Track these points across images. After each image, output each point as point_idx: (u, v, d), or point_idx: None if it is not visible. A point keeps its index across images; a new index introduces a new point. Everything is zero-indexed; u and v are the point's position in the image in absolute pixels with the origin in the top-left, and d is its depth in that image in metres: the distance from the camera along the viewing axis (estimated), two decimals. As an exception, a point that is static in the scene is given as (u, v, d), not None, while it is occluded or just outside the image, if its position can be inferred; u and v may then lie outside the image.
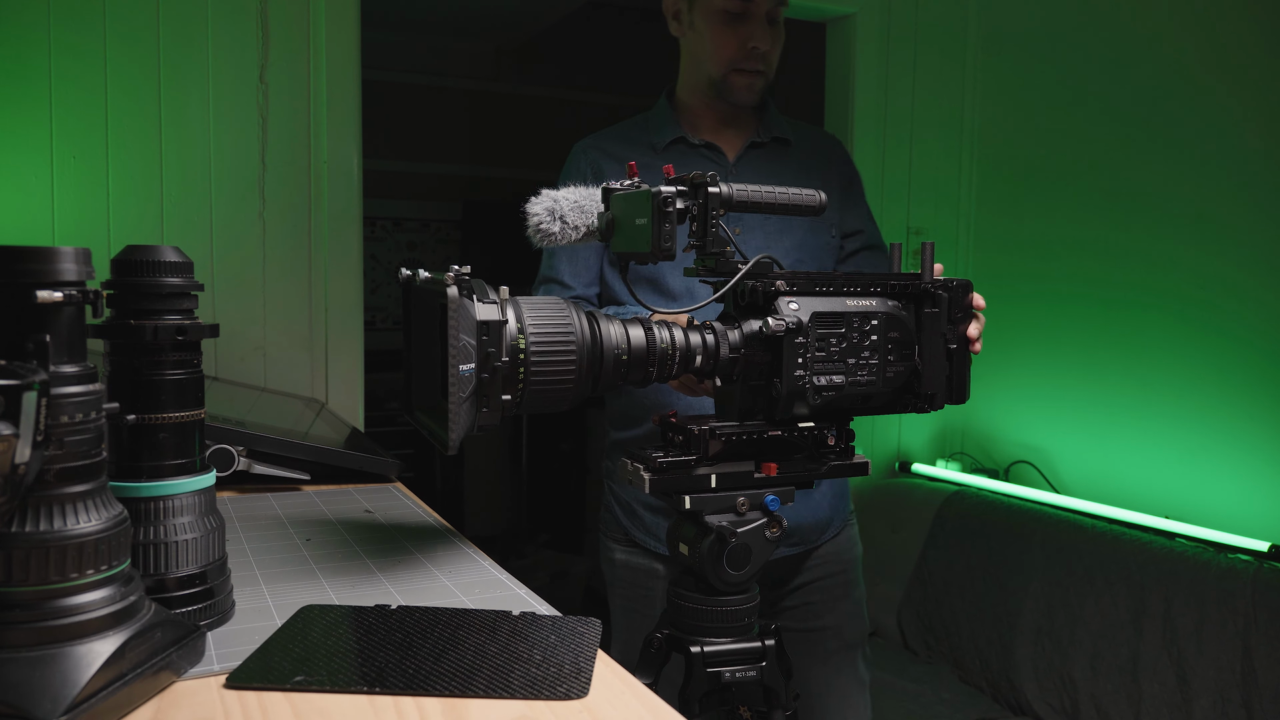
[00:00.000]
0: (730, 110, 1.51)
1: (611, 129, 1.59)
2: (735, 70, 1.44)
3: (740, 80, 1.45)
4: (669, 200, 0.89)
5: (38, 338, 0.64)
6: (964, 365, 1.06)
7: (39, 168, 1.81)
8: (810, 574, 1.57)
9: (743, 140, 1.52)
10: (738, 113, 1.52)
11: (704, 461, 0.95)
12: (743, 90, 1.46)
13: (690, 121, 1.53)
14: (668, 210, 0.90)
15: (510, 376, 0.83)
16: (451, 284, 0.79)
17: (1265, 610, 1.83)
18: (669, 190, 0.90)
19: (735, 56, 1.43)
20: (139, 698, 0.66)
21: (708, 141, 1.50)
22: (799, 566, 1.57)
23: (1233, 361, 2.19)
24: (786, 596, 1.58)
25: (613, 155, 1.52)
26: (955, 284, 1.04)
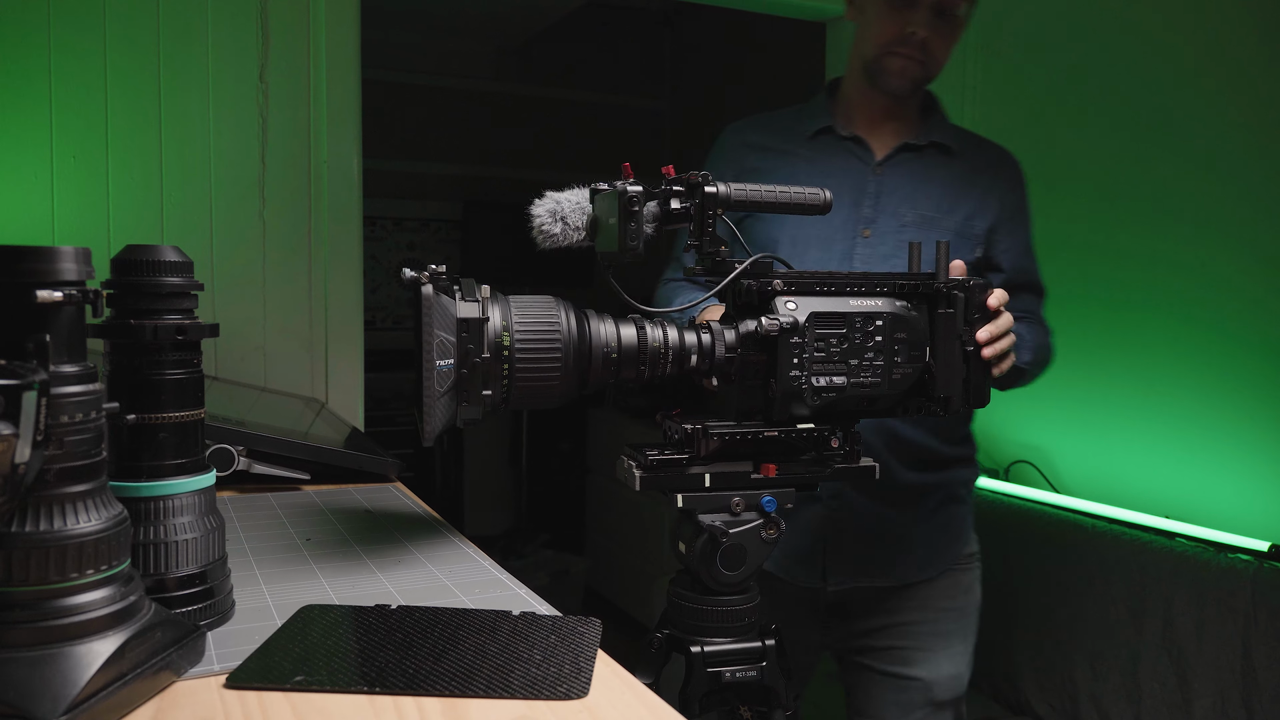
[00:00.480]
0: (887, 104, 1.43)
1: (765, 115, 1.53)
2: (890, 53, 1.37)
3: (894, 63, 1.37)
4: (634, 200, 0.90)
5: (38, 337, 0.64)
6: (982, 368, 1.05)
7: (39, 168, 1.81)
8: (902, 615, 1.48)
9: (897, 140, 1.45)
10: (897, 109, 1.44)
11: (697, 460, 0.95)
12: (895, 75, 1.38)
13: (846, 113, 1.47)
14: (633, 210, 0.90)
15: (493, 372, 0.85)
16: (426, 282, 0.82)
17: (1265, 610, 1.83)
18: (634, 190, 0.90)
19: (893, 39, 1.36)
20: (139, 698, 0.66)
21: (856, 135, 1.45)
22: (887, 603, 1.48)
23: (1233, 361, 2.19)
24: (874, 634, 1.49)
25: (754, 144, 1.49)
26: (972, 284, 1.03)
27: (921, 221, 1.41)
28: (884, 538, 1.46)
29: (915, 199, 1.41)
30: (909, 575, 1.47)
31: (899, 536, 1.46)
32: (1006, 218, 1.45)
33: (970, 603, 1.52)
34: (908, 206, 1.41)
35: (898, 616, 1.47)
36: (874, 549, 1.46)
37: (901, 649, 1.47)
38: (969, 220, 1.41)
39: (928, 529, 1.47)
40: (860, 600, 1.48)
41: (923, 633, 1.47)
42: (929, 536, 1.47)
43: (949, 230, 1.39)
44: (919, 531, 1.46)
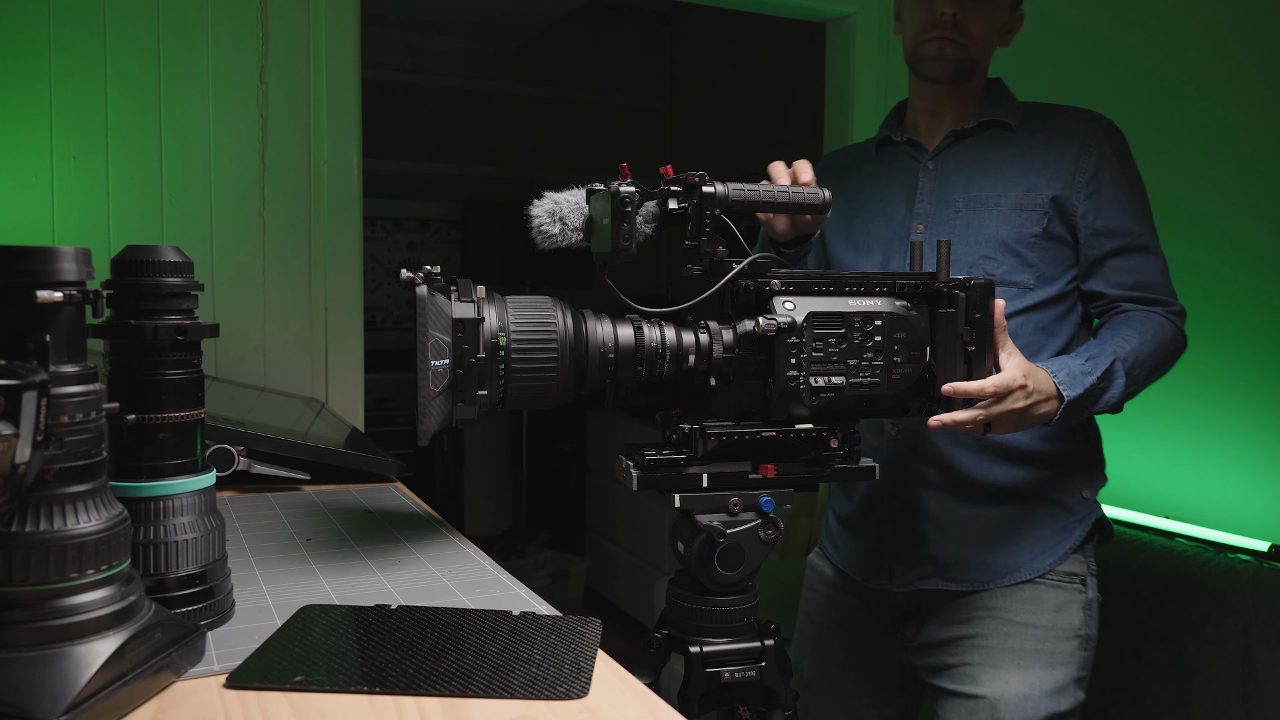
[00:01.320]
0: (939, 96, 1.41)
1: (865, 141, 1.56)
2: (925, 39, 1.35)
3: (930, 48, 1.35)
4: (626, 200, 0.90)
5: (38, 338, 0.64)
6: (985, 367, 1.05)
7: (39, 168, 1.81)
8: (974, 625, 1.36)
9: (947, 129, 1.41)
10: (951, 100, 1.41)
11: (695, 460, 0.95)
12: (931, 60, 1.35)
13: (909, 120, 1.47)
14: (626, 210, 0.90)
15: (489, 372, 0.86)
16: (421, 283, 0.82)
17: (1265, 610, 1.83)
18: (627, 190, 0.91)
19: (925, 25, 1.34)
20: (139, 698, 0.66)
21: (910, 138, 1.44)
22: (960, 611, 1.37)
23: (1233, 362, 2.19)
24: (948, 649, 1.38)
25: (838, 165, 1.52)
26: (973, 284, 1.03)
27: (973, 203, 1.36)
28: (956, 536, 1.37)
29: (969, 183, 1.38)
30: (982, 580, 1.36)
31: (973, 536, 1.36)
32: (1086, 179, 1.35)
33: (1062, 626, 1.35)
34: (959, 192, 1.38)
35: (970, 628, 1.36)
36: (943, 548, 1.37)
37: (971, 666, 1.35)
38: (1030, 192, 1.34)
39: (1010, 532, 1.36)
40: (931, 606, 1.40)
41: (993, 647, 1.34)
42: (1010, 540, 1.36)
43: (1005, 206, 1.34)
44: (998, 533, 1.36)
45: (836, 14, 2.67)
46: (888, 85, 2.69)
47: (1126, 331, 1.29)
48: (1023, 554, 1.36)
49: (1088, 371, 1.22)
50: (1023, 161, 1.37)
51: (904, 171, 1.44)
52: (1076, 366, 1.21)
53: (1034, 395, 1.12)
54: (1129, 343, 1.27)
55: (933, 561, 1.38)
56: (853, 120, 2.66)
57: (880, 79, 2.68)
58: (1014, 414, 1.11)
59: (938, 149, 1.42)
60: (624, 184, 0.91)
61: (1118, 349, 1.26)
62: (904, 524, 1.39)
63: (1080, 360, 1.23)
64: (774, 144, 4.10)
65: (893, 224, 1.41)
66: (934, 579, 1.38)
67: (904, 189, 1.43)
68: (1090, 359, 1.23)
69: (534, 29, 4.37)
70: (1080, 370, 1.21)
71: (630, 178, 0.95)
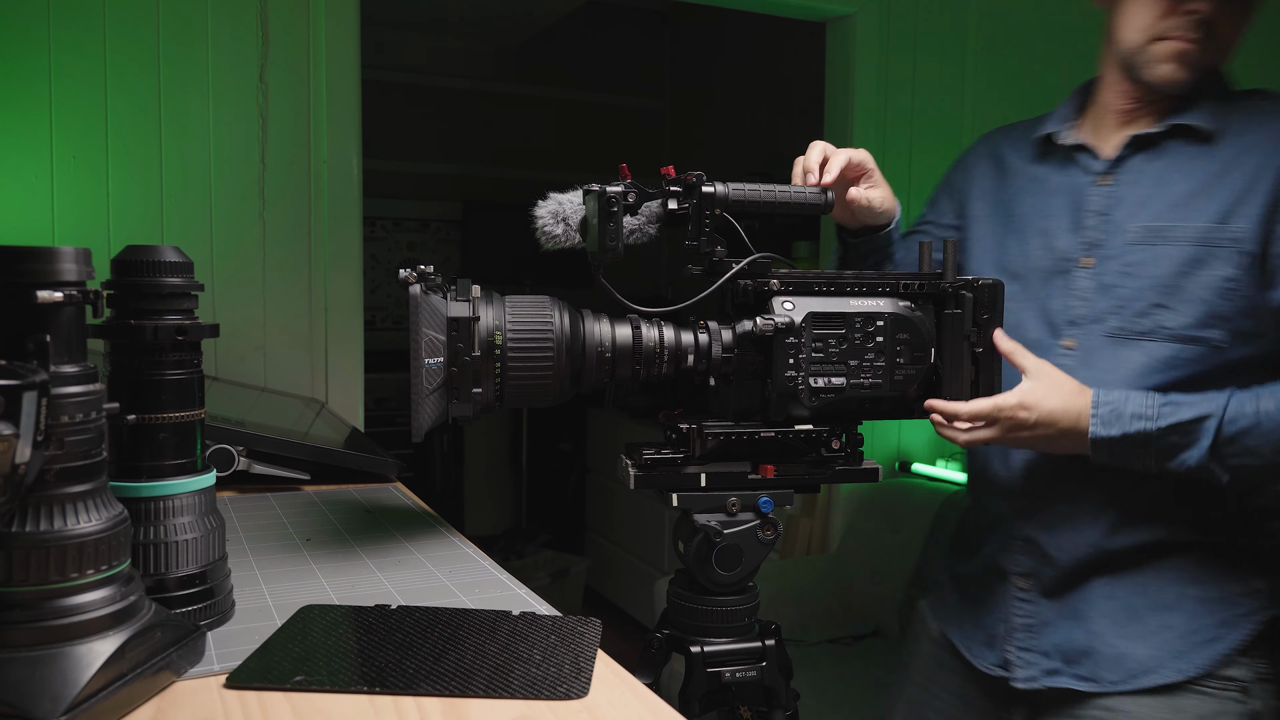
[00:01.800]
0: (1142, 100, 1.15)
1: (1025, 121, 1.31)
2: (1160, 37, 1.09)
3: (1163, 49, 1.09)
4: (613, 200, 0.91)
5: (38, 338, 0.64)
6: (992, 369, 1.04)
7: (39, 168, 1.81)
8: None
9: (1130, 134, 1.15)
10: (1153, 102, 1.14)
11: (693, 460, 0.95)
12: (1163, 63, 1.09)
13: (1090, 115, 1.21)
14: (612, 210, 0.91)
15: (485, 370, 0.87)
16: (415, 282, 0.84)
17: (1265, 610, 1.83)
18: (614, 191, 0.91)
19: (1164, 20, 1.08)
20: (139, 698, 0.66)
21: (1080, 142, 1.19)
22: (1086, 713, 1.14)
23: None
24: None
25: (993, 155, 1.29)
26: (980, 284, 1.03)
27: (1148, 236, 1.10)
28: (1084, 616, 1.13)
29: (1148, 206, 1.12)
30: (1113, 679, 1.11)
31: (1105, 617, 1.12)
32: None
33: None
34: (1135, 218, 1.11)
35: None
36: (1070, 633, 1.15)
37: None
38: (1222, 223, 1.06)
39: (1149, 618, 1.11)
40: (1051, 705, 1.16)
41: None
42: (1151, 629, 1.11)
43: (1185, 241, 1.07)
44: (1135, 616, 1.12)
45: (836, 14, 2.67)
46: (888, 85, 2.69)
47: (1268, 392, 1.03)
48: (1169, 644, 1.11)
49: (1147, 415, 1.04)
50: (1215, 177, 1.09)
51: (1068, 187, 1.19)
52: (1135, 404, 1.05)
53: (1038, 428, 1.04)
54: (1259, 403, 1.03)
55: (1060, 652, 1.15)
56: (853, 120, 2.66)
57: (880, 79, 2.68)
58: (1019, 441, 1.05)
59: (1116, 159, 1.15)
60: (612, 184, 0.92)
61: (1230, 406, 1.03)
62: (1028, 600, 1.18)
63: (1148, 399, 1.05)
64: (774, 144, 4.10)
65: (1054, 253, 1.17)
66: (1062, 675, 1.15)
67: (1068, 206, 1.17)
68: (1169, 403, 1.04)
69: (534, 29, 4.37)
70: (1136, 410, 1.05)
71: (630, 178, 0.95)
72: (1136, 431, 1.04)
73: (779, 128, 3.92)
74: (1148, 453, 1.05)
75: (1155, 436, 1.04)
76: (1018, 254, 1.21)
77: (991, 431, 1.04)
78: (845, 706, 2.14)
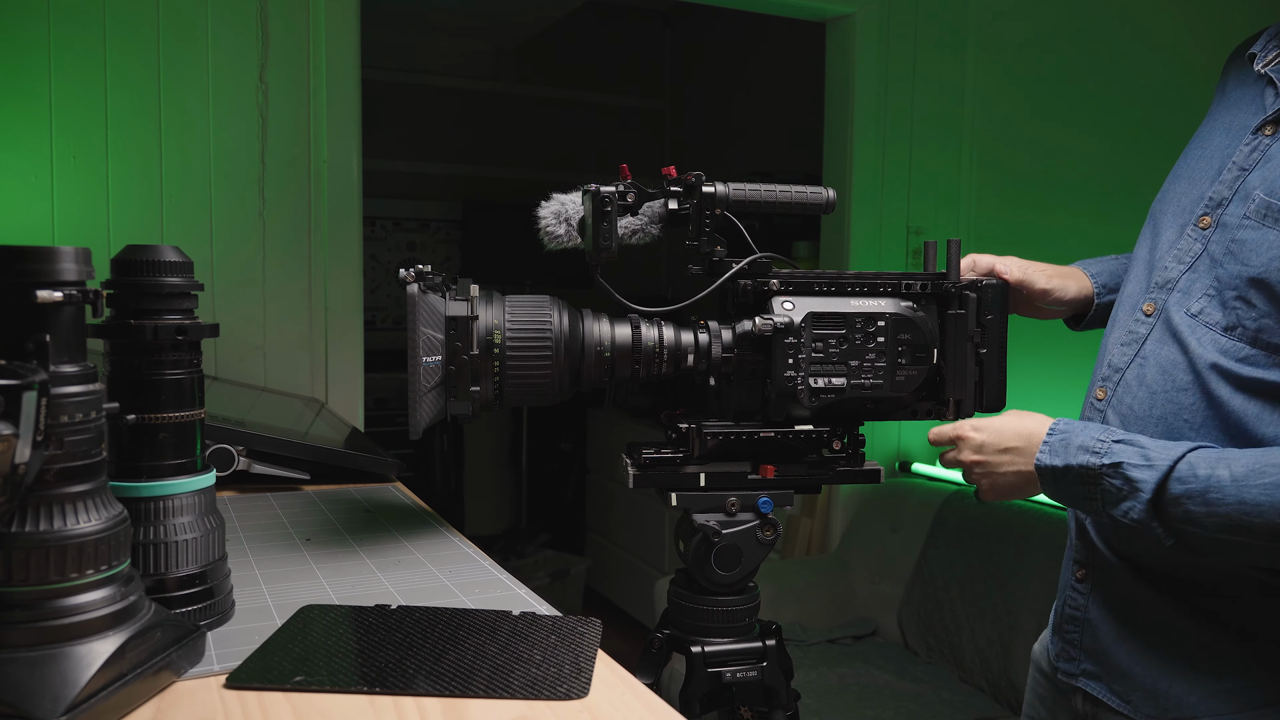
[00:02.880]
0: None
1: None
2: None
3: None
4: (606, 200, 0.91)
5: (38, 338, 0.64)
6: (997, 370, 1.03)
7: (39, 167, 1.81)
8: None
9: None
10: None
11: (692, 459, 0.95)
12: None
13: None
14: (605, 210, 0.91)
15: (483, 369, 0.88)
16: (412, 281, 0.85)
17: (1265, 610, 1.83)
18: (607, 191, 0.91)
19: None
20: (139, 698, 0.66)
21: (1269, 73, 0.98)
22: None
23: None
24: None
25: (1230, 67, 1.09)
26: (984, 284, 1.02)
27: (1266, 211, 0.92)
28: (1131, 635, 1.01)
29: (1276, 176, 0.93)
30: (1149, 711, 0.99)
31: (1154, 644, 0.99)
32: None
33: None
34: (1265, 185, 0.93)
35: None
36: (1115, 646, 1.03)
37: None
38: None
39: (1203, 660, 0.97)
40: (1090, 712, 1.07)
41: None
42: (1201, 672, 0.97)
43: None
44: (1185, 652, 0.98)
45: (836, 14, 2.67)
46: (888, 85, 2.70)
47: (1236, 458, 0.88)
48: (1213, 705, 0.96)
49: (1094, 449, 0.93)
50: None
51: (1231, 126, 1.02)
52: (1087, 435, 0.95)
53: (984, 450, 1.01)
54: (1216, 468, 0.88)
55: (1098, 658, 1.05)
56: (853, 120, 2.66)
57: (880, 79, 2.68)
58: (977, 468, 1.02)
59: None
60: (606, 185, 0.92)
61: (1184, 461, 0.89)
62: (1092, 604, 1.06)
63: (1104, 432, 0.95)
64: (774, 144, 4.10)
65: (1186, 199, 1.01)
66: (1092, 680, 1.05)
67: (1221, 148, 1.01)
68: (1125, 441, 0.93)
69: (534, 29, 4.37)
70: (1086, 441, 0.94)
71: (630, 179, 0.95)
72: (1079, 465, 0.94)
73: (779, 128, 3.92)
74: (1093, 492, 0.94)
75: (1098, 474, 0.93)
76: (1168, 189, 1.06)
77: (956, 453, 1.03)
78: (845, 706, 2.14)
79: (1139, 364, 1.00)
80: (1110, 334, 1.08)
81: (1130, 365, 1.01)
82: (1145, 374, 0.99)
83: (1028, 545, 2.29)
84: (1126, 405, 1.01)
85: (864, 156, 2.66)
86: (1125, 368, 1.02)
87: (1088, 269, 1.17)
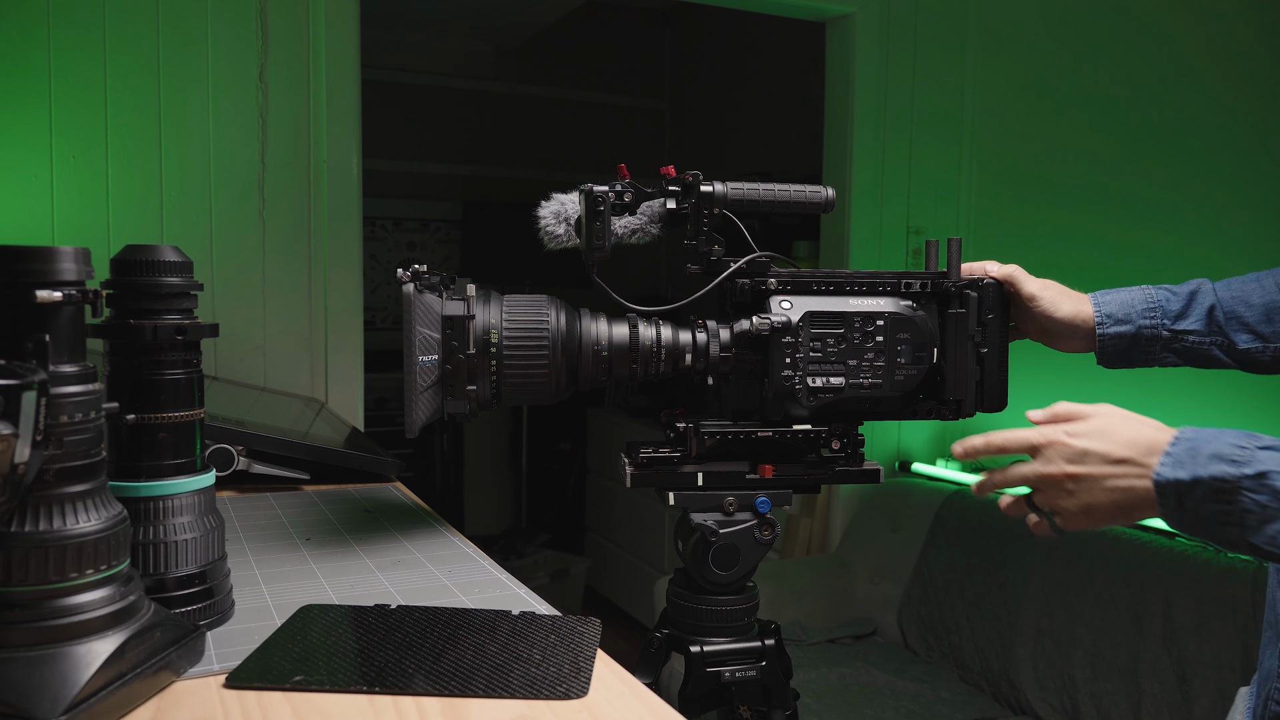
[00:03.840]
0: None
1: None
2: None
3: None
4: (599, 199, 0.91)
5: (37, 337, 0.64)
6: (999, 370, 1.03)
7: (39, 167, 1.81)
8: None
9: None
10: None
11: (690, 459, 0.95)
12: None
13: None
14: (599, 209, 0.91)
15: (480, 368, 0.89)
16: (409, 281, 0.86)
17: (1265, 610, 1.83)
18: (600, 190, 0.92)
19: None
20: (138, 698, 0.66)
21: None
22: None
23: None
24: None
25: None
26: (985, 283, 1.02)
27: None
28: None
29: None
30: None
31: None
32: None
33: None
34: None
35: None
36: None
37: None
38: None
39: None
40: None
41: None
42: None
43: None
44: None
45: (836, 14, 2.67)
46: (888, 85, 2.70)
47: None
48: None
49: (1233, 457, 0.76)
50: None
51: None
52: (1223, 441, 0.78)
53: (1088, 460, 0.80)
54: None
55: None
56: (852, 120, 2.66)
57: (880, 79, 2.68)
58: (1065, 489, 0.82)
59: None
60: (600, 184, 0.92)
61: None
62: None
63: (1245, 438, 0.78)
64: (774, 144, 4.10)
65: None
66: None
67: None
68: (1271, 448, 0.76)
69: (534, 29, 4.37)
70: (1222, 449, 0.77)
71: (628, 178, 0.95)
72: (1212, 477, 0.76)
73: (779, 128, 3.92)
74: (1229, 512, 0.76)
75: (1235, 487, 0.75)
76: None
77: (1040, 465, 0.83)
78: (845, 706, 2.14)
79: None
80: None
81: None
82: None
83: (1028, 546, 2.29)
84: None
85: (864, 156, 2.66)
86: None
87: (1096, 296, 1.08)
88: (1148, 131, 2.39)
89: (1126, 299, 1.07)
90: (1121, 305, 1.06)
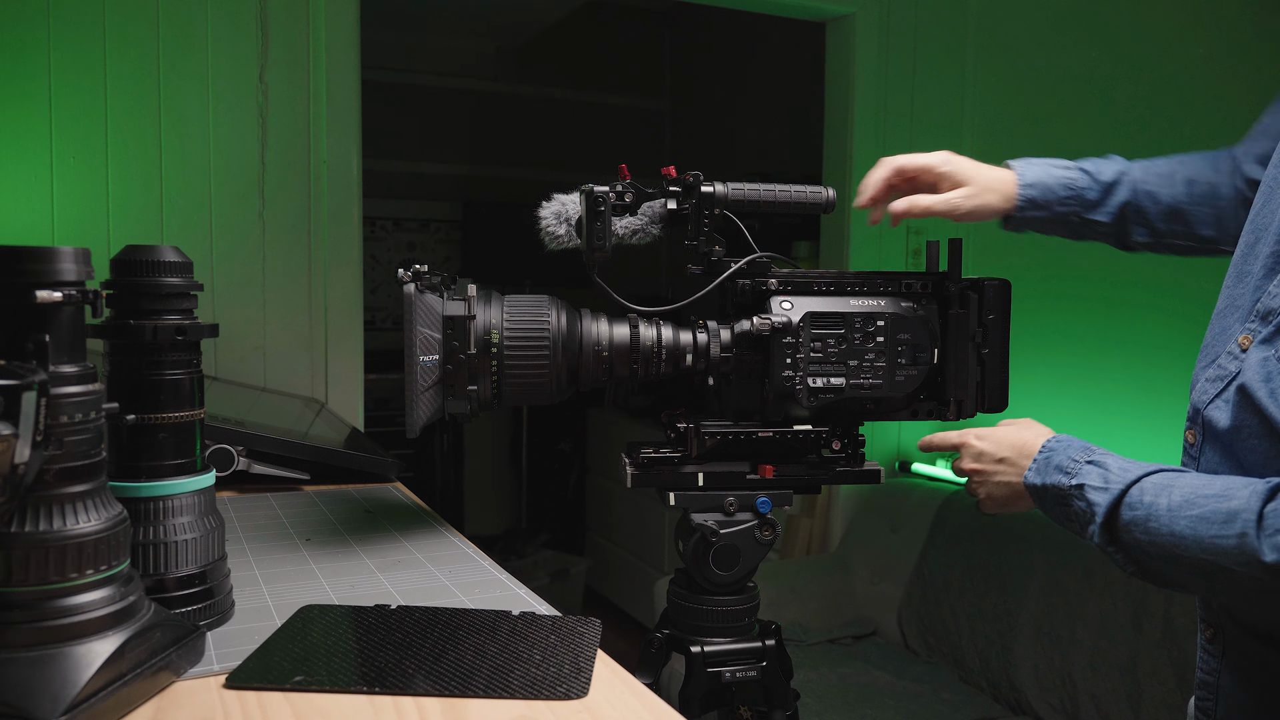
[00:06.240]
0: None
1: None
2: None
3: None
4: (599, 199, 0.91)
5: (37, 338, 0.64)
6: (999, 370, 1.03)
7: (39, 168, 1.81)
8: None
9: None
10: None
11: (690, 459, 0.95)
12: None
13: None
14: (599, 210, 0.91)
15: (480, 368, 0.89)
16: (409, 281, 0.86)
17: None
18: (600, 190, 0.92)
19: None
20: (139, 698, 0.66)
21: None
22: None
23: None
24: None
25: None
26: (987, 284, 1.02)
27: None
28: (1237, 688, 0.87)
29: None
30: None
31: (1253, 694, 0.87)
32: None
33: None
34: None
35: None
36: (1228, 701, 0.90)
37: None
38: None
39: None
40: None
41: None
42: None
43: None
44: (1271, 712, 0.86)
45: (836, 14, 2.67)
46: (887, 85, 2.69)
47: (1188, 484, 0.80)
48: None
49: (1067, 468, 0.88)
50: None
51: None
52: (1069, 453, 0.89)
53: (982, 459, 0.97)
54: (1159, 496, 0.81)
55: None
56: (852, 120, 2.66)
57: (880, 79, 2.68)
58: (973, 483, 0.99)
59: None
60: (600, 184, 0.92)
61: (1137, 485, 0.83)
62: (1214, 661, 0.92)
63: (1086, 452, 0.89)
64: (774, 144, 4.09)
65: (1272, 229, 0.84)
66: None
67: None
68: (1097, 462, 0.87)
69: (534, 29, 4.37)
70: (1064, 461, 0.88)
71: (629, 178, 0.95)
72: (1053, 485, 0.88)
73: (779, 128, 3.92)
74: (1066, 514, 0.88)
75: (1068, 495, 0.87)
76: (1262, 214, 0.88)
77: (959, 461, 1.00)
78: (845, 706, 2.14)
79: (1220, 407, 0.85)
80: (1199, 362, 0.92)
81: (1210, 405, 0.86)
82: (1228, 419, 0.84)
83: (1028, 546, 2.29)
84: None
85: (864, 156, 2.66)
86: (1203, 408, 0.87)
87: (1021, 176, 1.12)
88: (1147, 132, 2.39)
89: (1048, 185, 1.13)
90: (1043, 192, 1.12)
